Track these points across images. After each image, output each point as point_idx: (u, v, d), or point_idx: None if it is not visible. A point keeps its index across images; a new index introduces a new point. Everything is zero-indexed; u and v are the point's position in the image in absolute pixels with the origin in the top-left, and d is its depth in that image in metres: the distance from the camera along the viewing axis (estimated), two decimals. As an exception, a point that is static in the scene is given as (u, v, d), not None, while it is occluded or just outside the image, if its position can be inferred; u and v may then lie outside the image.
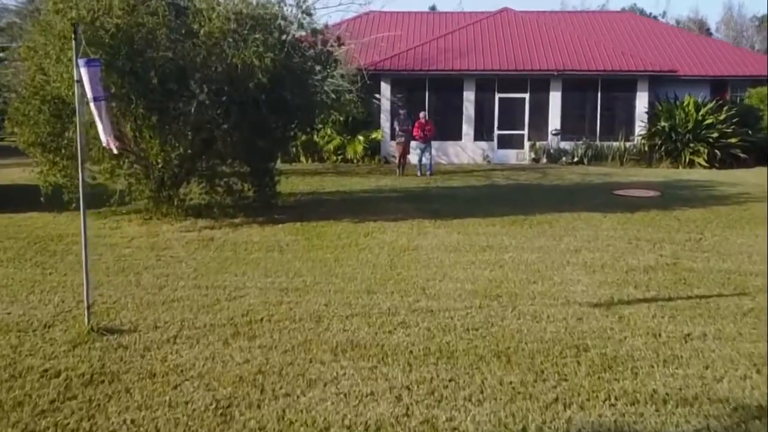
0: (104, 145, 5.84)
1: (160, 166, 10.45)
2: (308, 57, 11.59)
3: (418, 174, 18.67)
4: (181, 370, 4.96)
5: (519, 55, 22.56)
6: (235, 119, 10.52)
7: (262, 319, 6.17)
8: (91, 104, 5.45)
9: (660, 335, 5.88)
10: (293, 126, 12.08)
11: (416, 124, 18.74)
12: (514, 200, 13.96)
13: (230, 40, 10.65)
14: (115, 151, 6.64)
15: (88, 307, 5.78)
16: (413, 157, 19.20)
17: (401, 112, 19.34)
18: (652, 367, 5.16)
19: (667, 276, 8.00)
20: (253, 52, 10.49)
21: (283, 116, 11.38)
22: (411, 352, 5.38)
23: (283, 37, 10.98)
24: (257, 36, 10.63)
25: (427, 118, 18.97)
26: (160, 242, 9.83)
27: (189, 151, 10.55)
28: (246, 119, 10.68)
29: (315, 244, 9.69)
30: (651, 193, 14.97)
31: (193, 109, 10.31)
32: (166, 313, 6.38)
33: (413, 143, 19.11)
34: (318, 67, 11.90)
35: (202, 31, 10.54)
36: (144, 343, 5.55)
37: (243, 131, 10.80)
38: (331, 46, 11.96)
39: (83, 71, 5.32)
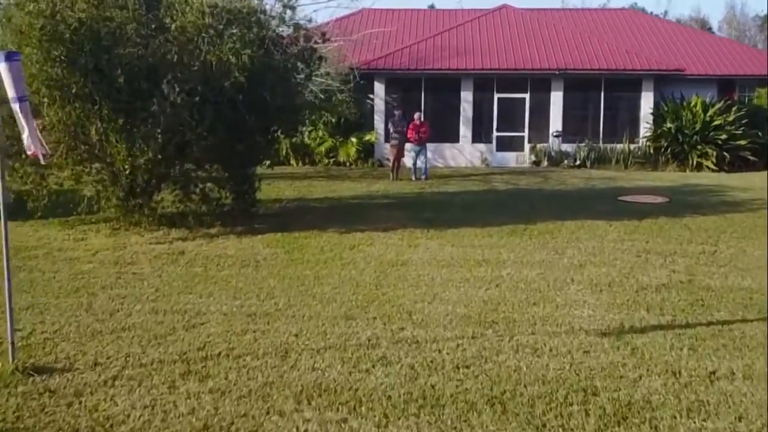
0: (29, 153, 5.04)
1: (127, 172, 9.64)
2: (290, 54, 10.79)
3: (413, 178, 17.89)
4: (111, 425, 4.16)
5: (519, 54, 21.79)
6: (209, 121, 9.73)
7: (219, 354, 5.37)
8: (15, 105, 4.66)
9: (680, 373, 5.09)
10: (275, 128, 11.28)
11: (410, 126, 17.96)
12: (514, 207, 13.17)
13: (205, 35, 9.85)
14: (42, 161, 5.83)
15: (12, 343, 4.98)
16: (408, 160, 18.40)
17: (396, 113, 18.55)
18: (675, 417, 4.37)
19: (682, 296, 7.21)
20: (229, 48, 9.72)
21: (263, 118, 10.59)
22: (389, 398, 4.59)
23: (263, 33, 10.17)
24: (234, 31, 9.84)
25: (422, 119, 18.17)
26: (126, 256, 9.04)
27: (159, 156, 9.74)
28: (222, 121, 9.89)
29: (295, 258, 8.90)
30: (659, 199, 14.19)
31: (164, 110, 9.53)
32: (111, 345, 5.59)
33: (408, 145, 18.31)
34: (301, 66, 11.10)
35: (173, 26, 9.74)
36: (76, 386, 4.75)
37: (219, 134, 10.00)
38: (316, 42, 11.14)
39: (2, 67, 4.53)
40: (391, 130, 18.20)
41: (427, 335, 5.87)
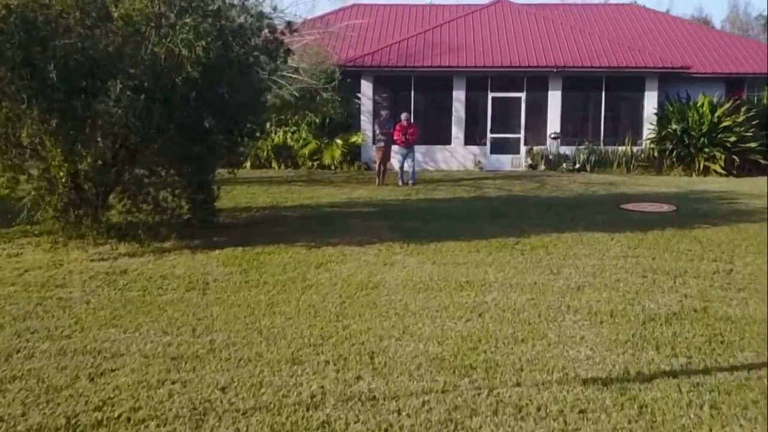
0: None
1: (63, 180, 8.57)
2: (252, 47, 9.72)
3: (399, 183, 16.83)
4: None
5: (514, 51, 20.74)
6: (157, 122, 8.66)
7: (119, 417, 4.30)
8: None
9: (703, 447, 4.02)
10: (238, 129, 10.21)
11: (397, 127, 16.89)
12: (505, 217, 12.12)
13: (154, 25, 8.78)
14: None
15: None
16: (396, 164, 17.34)
17: (382, 113, 17.50)
18: None
19: (697, 329, 6.16)
20: (181, 40, 8.64)
21: (223, 118, 9.52)
22: (322, 488, 3.52)
23: (221, 23, 9.10)
24: (187, 20, 8.77)
25: (409, 120, 17.10)
26: (58, 276, 7.97)
27: (101, 161, 8.67)
28: (172, 121, 8.81)
29: (251, 279, 7.84)
30: (664, 208, 13.14)
31: (107, 110, 8.46)
32: (-12, 403, 4.51)
33: (395, 148, 17.25)
34: (265, 59, 10.03)
35: (117, 14, 8.67)
36: None
37: (170, 136, 8.93)
38: (282, 33, 10.07)
39: None
40: (377, 131, 17.13)
41: (387, 388, 4.80)
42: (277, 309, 6.68)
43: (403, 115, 16.96)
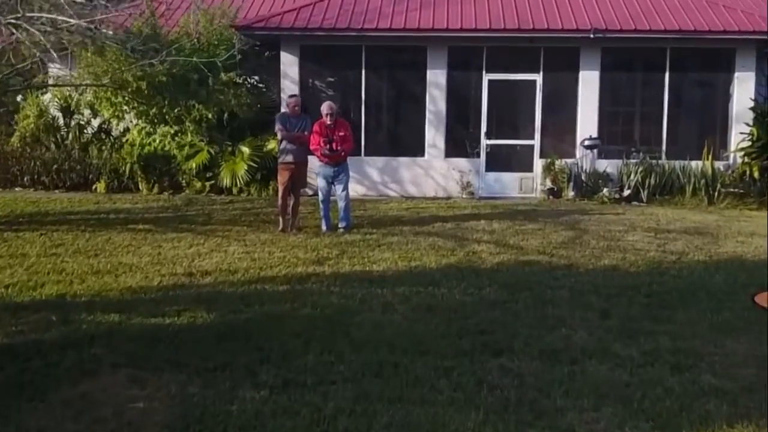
0: None
1: None
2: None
3: (323, 228, 9.85)
4: None
5: (525, 6, 13.86)
6: None
7: None
8: None
9: None
10: None
11: (315, 127, 9.87)
12: (513, 354, 5.19)
13: None
14: None
15: None
16: (320, 192, 10.24)
17: (288, 102, 10.34)
18: None
19: None
20: None
21: None
22: None
23: None
24: None
25: (337, 113, 10.01)
26: None
27: None
28: None
29: None
30: None
31: None
32: None
33: (317, 166, 10.23)
34: None
35: None
36: None
37: None
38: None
39: None
40: (279, 136, 10.05)
41: None
42: None
43: (325, 108, 9.89)
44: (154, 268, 7.59)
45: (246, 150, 13.75)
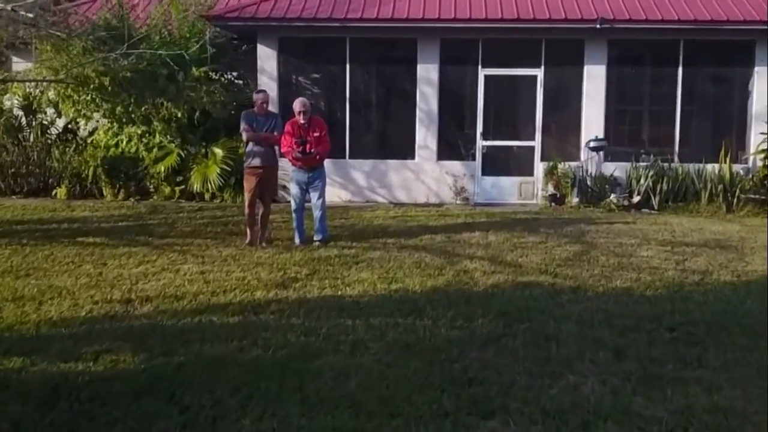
0: None
1: None
2: None
3: (296, 241, 8.77)
4: None
5: (525, -6, 12.80)
6: None
7: None
8: None
9: None
10: None
11: (287, 128, 8.78)
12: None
13: None
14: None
15: None
16: (293, 201, 9.11)
17: (256, 95, 9.19)
18: None
19: None
20: None
21: None
22: None
23: None
24: None
25: (307, 111, 8.87)
26: None
27: None
28: None
29: None
30: None
31: None
32: None
33: (292, 170, 9.14)
34: None
35: None
36: None
37: None
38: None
39: None
40: (244, 137, 8.95)
41: None
42: None
43: (298, 103, 8.80)
44: (88, 292, 6.51)
45: (219, 152, 12.68)
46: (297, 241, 8.89)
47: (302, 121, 8.71)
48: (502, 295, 6.57)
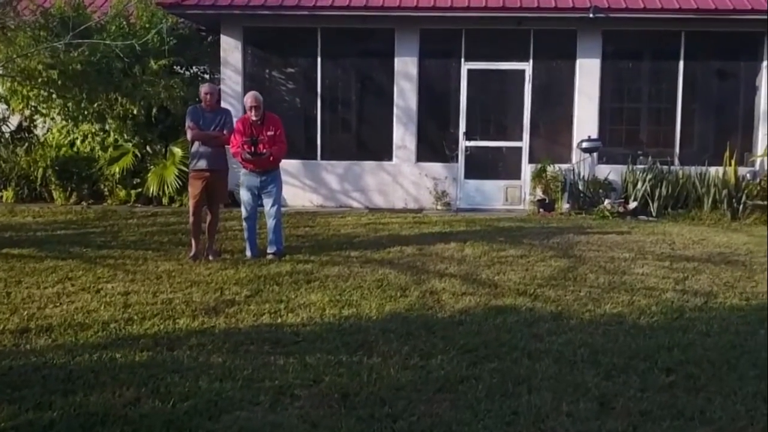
0: None
1: None
2: None
3: (248, 254, 7.88)
4: None
5: (512, -19, 11.99)
6: None
7: None
8: None
9: None
10: None
11: (237, 126, 7.86)
12: None
13: None
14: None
15: None
16: (244, 209, 8.17)
17: (203, 88, 8.21)
18: None
19: None
20: None
21: None
22: None
23: None
24: None
25: (260, 106, 7.92)
26: None
27: None
28: None
29: None
30: None
31: None
32: None
33: (242, 174, 8.21)
34: None
35: None
36: None
37: None
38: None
39: None
40: (189, 136, 7.99)
41: None
42: None
43: (249, 98, 7.87)
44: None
45: (179, 151, 11.83)
46: (248, 254, 7.99)
47: (254, 118, 7.79)
48: (470, 324, 5.65)
